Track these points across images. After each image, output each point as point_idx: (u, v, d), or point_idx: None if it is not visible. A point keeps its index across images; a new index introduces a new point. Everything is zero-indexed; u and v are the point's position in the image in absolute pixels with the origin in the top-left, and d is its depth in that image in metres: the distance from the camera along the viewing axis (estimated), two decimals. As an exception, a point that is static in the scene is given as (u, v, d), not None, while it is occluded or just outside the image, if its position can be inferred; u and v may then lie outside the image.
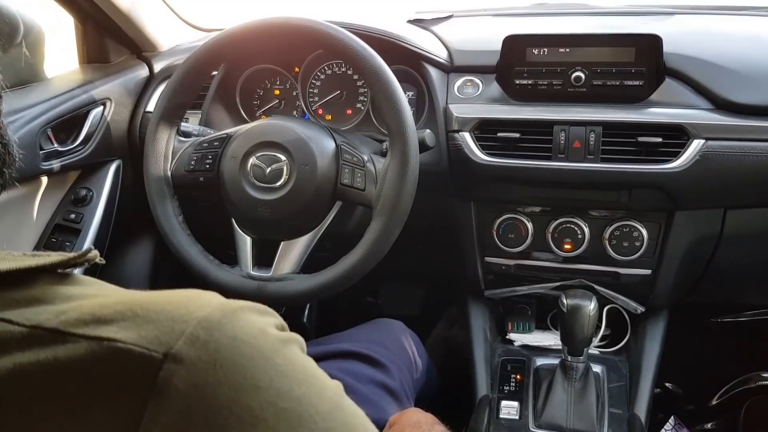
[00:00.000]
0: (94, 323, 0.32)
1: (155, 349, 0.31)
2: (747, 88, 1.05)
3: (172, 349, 0.31)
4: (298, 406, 0.32)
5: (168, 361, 0.31)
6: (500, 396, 1.20)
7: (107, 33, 1.29)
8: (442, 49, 1.21)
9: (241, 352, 0.32)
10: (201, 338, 0.32)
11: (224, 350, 0.32)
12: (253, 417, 0.31)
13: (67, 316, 0.33)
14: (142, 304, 0.34)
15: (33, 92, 1.11)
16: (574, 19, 1.39)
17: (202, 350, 0.32)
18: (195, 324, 0.32)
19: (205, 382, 0.31)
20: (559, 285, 1.22)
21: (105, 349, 0.31)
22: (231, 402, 0.31)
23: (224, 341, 0.32)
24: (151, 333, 0.32)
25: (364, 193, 0.95)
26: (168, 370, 0.31)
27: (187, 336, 0.32)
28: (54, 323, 0.32)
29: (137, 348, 0.31)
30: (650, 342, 1.24)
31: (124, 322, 0.32)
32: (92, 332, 0.32)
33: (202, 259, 0.99)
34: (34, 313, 0.33)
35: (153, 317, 0.33)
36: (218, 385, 0.31)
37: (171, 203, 1.01)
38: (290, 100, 1.27)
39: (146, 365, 0.31)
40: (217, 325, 0.33)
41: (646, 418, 1.15)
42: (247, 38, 0.99)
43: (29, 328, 0.32)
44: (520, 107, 1.12)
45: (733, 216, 1.10)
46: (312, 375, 0.35)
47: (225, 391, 0.31)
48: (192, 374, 0.31)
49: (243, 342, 0.33)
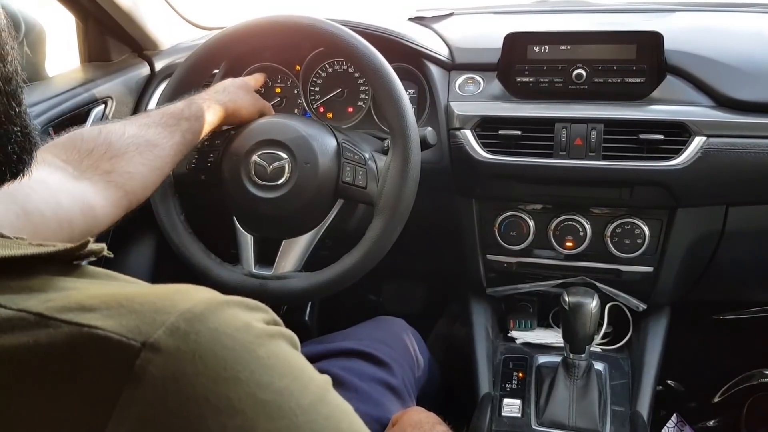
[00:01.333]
0: (78, 310, 0.32)
1: (134, 337, 0.31)
2: (748, 85, 1.04)
3: (151, 338, 0.31)
4: (279, 398, 0.32)
5: (146, 350, 0.31)
6: (502, 394, 1.20)
7: (108, 31, 1.29)
8: (443, 47, 1.21)
9: (222, 343, 0.32)
10: (182, 329, 0.32)
11: (205, 341, 0.32)
12: (230, 408, 0.30)
13: (54, 303, 0.33)
14: (128, 296, 0.34)
15: (34, 91, 1.11)
16: (575, 16, 1.39)
17: (181, 341, 0.31)
18: (177, 315, 0.32)
19: (183, 371, 0.31)
20: (561, 282, 1.22)
21: (84, 335, 0.31)
22: (208, 392, 0.30)
23: (205, 333, 0.32)
24: (132, 323, 0.32)
25: (366, 191, 0.95)
26: (144, 359, 0.30)
27: (168, 326, 0.32)
28: (40, 308, 0.32)
29: (116, 336, 0.31)
30: (652, 339, 1.24)
31: (107, 311, 0.32)
32: (74, 318, 0.32)
33: (203, 257, 1.00)
34: (23, 299, 0.33)
35: (137, 308, 0.33)
36: (196, 375, 0.31)
37: (173, 201, 1.01)
38: (291, 98, 1.27)
39: (123, 353, 0.31)
40: (199, 317, 0.33)
41: (649, 416, 1.15)
42: (248, 36, 0.99)
43: (15, 311, 0.32)
44: (522, 105, 1.12)
45: (735, 213, 1.10)
46: (296, 368, 0.35)
47: (203, 382, 0.31)
48: (169, 363, 0.31)
49: (224, 334, 0.33)
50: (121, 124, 0.79)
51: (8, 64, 0.40)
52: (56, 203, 0.63)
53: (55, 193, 0.63)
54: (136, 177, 0.75)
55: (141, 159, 0.76)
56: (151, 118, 0.83)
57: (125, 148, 0.75)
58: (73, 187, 0.67)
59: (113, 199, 0.71)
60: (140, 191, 0.76)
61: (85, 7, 1.21)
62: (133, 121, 0.81)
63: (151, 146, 0.79)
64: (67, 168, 0.69)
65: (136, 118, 0.82)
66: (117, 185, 0.72)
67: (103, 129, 0.76)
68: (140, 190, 0.76)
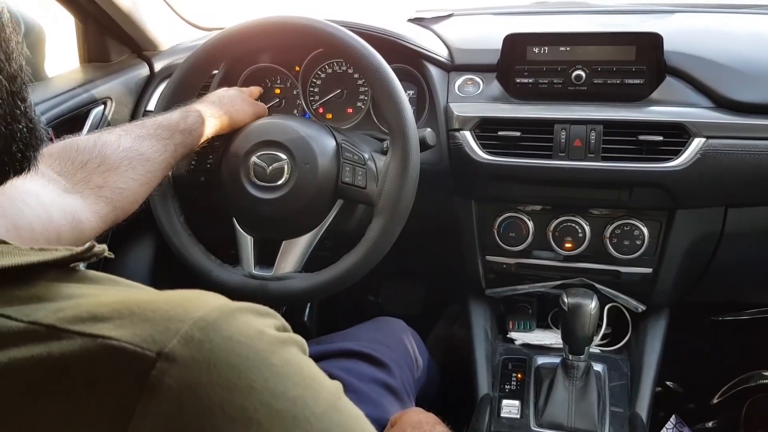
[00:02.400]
0: (91, 321, 0.32)
1: (149, 347, 0.31)
2: (748, 86, 1.04)
3: (166, 348, 0.31)
4: (293, 408, 0.32)
5: (161, 360, 0.31)
6: (501, 395, 1.20)
7: (108, 32, 1.29)
8: (442, 48, 1.21)
9: (236, 352, 0.32)
10: (196, 338, 0.32)
11: (219, 350, 0.32)
12: (246, 418, 0.30)
13: (65, 313, 0.33)
14: (139, 303, 0.33)
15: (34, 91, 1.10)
16: (574, 17, 1.39)
17: (196, 350, 0.31)
18: (191, 324, 0.32)
19: (198, 381, 0.31)
20: (560, 284, 1.22)
21: (99, 346, 0.31)
22: (224, 402, 0.30)
23: (219, 341, 0.32)
24: (146, 332, 0.32)
25: (365, 192, 0.95)
26: (160, 369, 0.30)
27: (182, 335, 0.32)
28: (51, 320, 0.32)
29: (131, 346, 0.31)
30: (651, 340, 1.24)
31: (120, 321, 0.32)
32: (88, 329, 0.32)
33: (203, 258, 1.00)
34: (33, 310, 0.33)
35: (149, 316, 0.33)
36: (211, 385, 0.31)
37: (172, 203, 1.01)
38: (291, 99, 1.27)
39: (139, 363, 0.31)
40: (213, 325, 0.33)
41: (648, 417, 1.15)
42: (247, 37, 0.99)
43: (26, 323, 0.32)
44: (521, 106, 1.12)
45: (734, 214, 1.10)
46: (309, 376, 0.35)
47: (218, 392, 0.31)
48: (185, 373, 0.31)
49: (238, 342, 0.33)
50: (116, 135, 0.78)
51: (13, 62, 0.40)
52: (47, 218, 0.62)
53: (47, 208, 0.62)
54: (126, 192, 0.74)
55: (133, 174, 0.76)
56: (146, 129, 0.82)
57: (119, 162, 0.75)
58: (64, 200, 0.67)
59: (102, 214, 0.71)
60: (129, 206, 0.76)
61: (84, 7, 1.21)
62: (128, 132, 0.80)
63: (144, 161, 0.78)
64: (60, 181, 0.69)
65: (131, 128, 0.81)
66: (107, 200, 0.72)
67: (99, 140, 0.75)
68: (129, 205, 0.76)
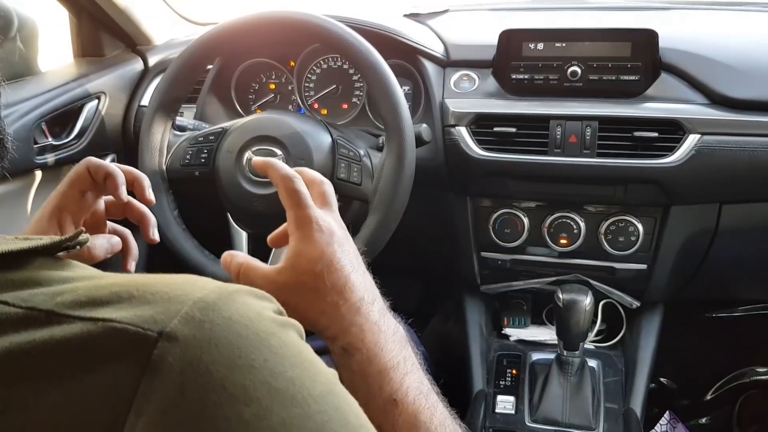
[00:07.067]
0: (90, 305, 0.32)
1: (150, 327, 0.31)
2: (742, 83, 1.05)
3: (167, 327, 0.31)
4: (292, 387, 0.32)
5: (162, 340, 0.31)
6: (496, 391, 1.20)
7: (102, 26, 1.28)
8: (438, 44, 1.21)
9: (236, 332, 0.33)
10: (196, 318, 0.32)
11: (219, 330, 0.32)
12: (246, 396, 0.31)
13: (63, 297, 0.33)
14: (138, 286, 0.34)
15: (27, 86, 1.10)
16: (570, 13, 1.39)
17: (197, 329, 0.32)
18: (191, 304, 0.33)
19: (199, 359, 0.31)
20: (555, 280, 1.22)
21: (100, 329, 0.31)
22: (225, 380, 0.31)
23: (219, 321, 0.33)
24: (147, 313, 0.32)
25: (361, 188, 0.95)
26: (162, 348, 0.31)
27: (183, 315, 0.32)
28: (50, 305, 0.32)
29: (132, 327, 0.31)
30: (645, 337, 1.24)
31: (120, 303, 0.33)
32: (88, 314, 0.32)
33: (197, 254, 0.99)
34: (30, 295, 0.33)
35: (149, 298, 0.33)
36: (213, 363, 0.31)
37: (166, 198, 1.00)
38: (286, 94, 1.26)
39: (141, 343, 0.31)
40: (213, 305, 0.33)
41: (642, 413, 1.16)
42: (242, 32, 0.98)
43: (25, 309, 0.32)
44: (517, 102, 1.12)
45: (729, 211, 1.10)
46: (307, 359, 0.35)
47: (219, 369, 0.31)
48: (186, 352, 0.31)
49: (238, 323, 0.33)
50: None
51: None
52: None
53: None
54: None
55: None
56: None
57: None
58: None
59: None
60: None
61: (78, 2, 1.21)
62: None
63: None
64: None
65: None
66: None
67: None
68: None
